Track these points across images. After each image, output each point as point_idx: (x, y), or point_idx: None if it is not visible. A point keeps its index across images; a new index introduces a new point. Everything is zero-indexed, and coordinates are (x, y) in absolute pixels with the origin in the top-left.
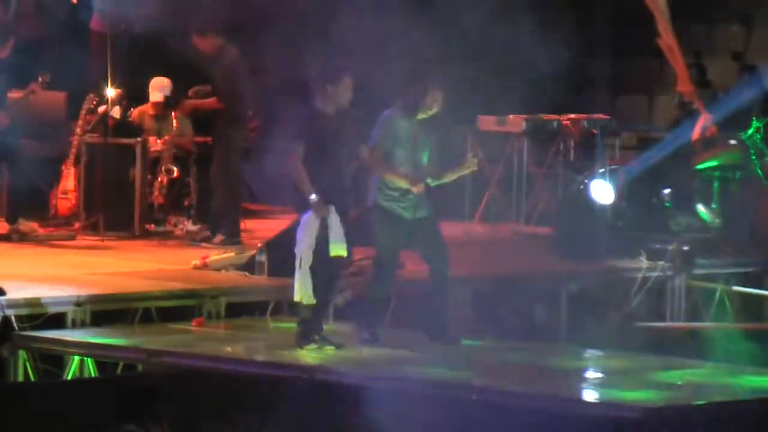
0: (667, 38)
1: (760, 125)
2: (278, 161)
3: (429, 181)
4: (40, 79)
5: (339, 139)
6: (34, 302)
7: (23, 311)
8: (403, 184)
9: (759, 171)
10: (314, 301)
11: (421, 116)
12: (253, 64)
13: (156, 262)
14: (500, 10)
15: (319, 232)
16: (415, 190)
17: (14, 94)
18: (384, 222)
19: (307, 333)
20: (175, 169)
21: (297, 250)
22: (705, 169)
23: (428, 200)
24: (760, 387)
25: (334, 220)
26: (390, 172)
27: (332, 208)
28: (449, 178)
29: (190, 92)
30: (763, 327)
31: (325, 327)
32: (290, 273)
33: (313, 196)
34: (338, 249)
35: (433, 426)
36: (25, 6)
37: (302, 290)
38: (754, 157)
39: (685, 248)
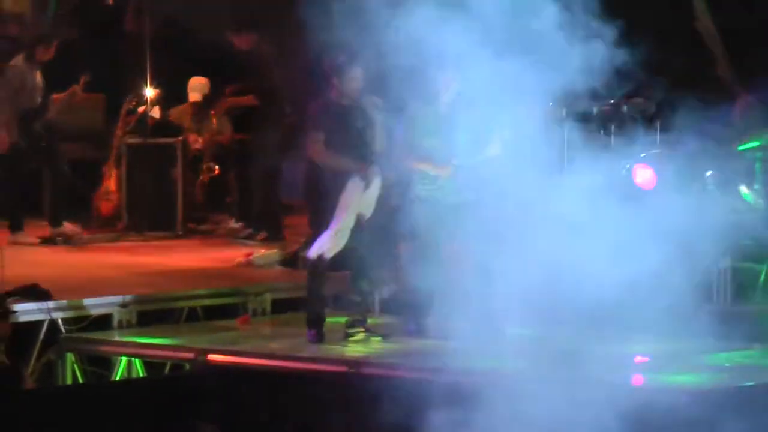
0: (705, 22)
1: None
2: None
3: (461, 161)
4: (81, 80)
5: (354, 131)
6: (79, 305)
7: (69, 314)
8: (434, 171)
9: None
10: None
11: (444, 100)
12: (287, 59)
13: (200, 260)
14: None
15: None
16: (444, 173)
17: (56, 96)
18: (425, 210)
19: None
20: (216, 167)
21: (339, 214)
22: (746, 150)
23: (467, 185)
24: None
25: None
26: (418, 163)
27: (376, 169)
28: (481, 158)
29: (228, 90)
30: None
31: (369, 319)
32: (334, 268)
33: (353, 168)
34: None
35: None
36: (63, 8)
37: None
38: None
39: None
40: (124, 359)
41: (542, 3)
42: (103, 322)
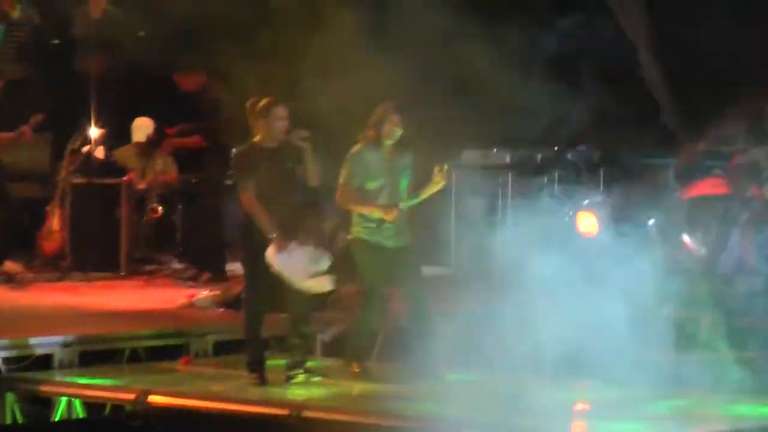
0: (651, 71)
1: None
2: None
3: (402, 204)
4: (32, 120)
5: (284, 173)
6: (20, 344)
7: (10, 353)
8: (377, 214)
9: (744, 199)
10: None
11: (387, 143)
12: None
13: (143, 301)
14: (482, 42)
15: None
16: (389, 218)
17: (2, 136)
18: (367, 253)
19: (255, 365)
20: (160, 207)
21: (289, 278)
22: (691, 199)
23: (407, 229)
24: (749, 415)
25: (301, 252)
26: (362, 205)
27: (294, 244)
28: (421, 197)
29: (174, 130)
30: (752, 356)
31: (310, 361)
32: (275, 310)
33: (272, 234)
34: (317, 286)
35: None
36: (8, 46)
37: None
38: (740, 186)
39: (672, 278)
40: (64, 399)
41: (483, 47)
42: (45, 361)
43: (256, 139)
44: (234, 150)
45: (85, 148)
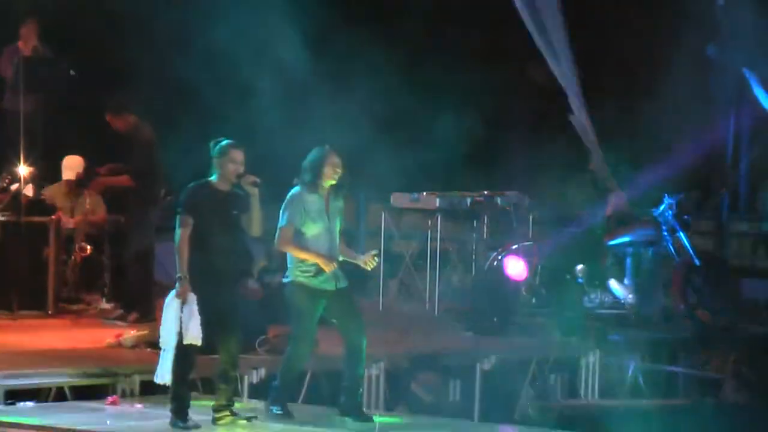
0: (580, 117)
1: (672, 202)
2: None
3: (339, 256)
4: None
5: (228, 217)
6: None
7: None
8: (316, 262)
9: (671, 247)
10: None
11: (327, 184)
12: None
13: (70, 340)
14: (412, 85)
15: (182, 315)
16: (327, 269)
17: None
18: (302, 297)
19: (179, 414)
20: (88, 247)
21: (161, 332)
22: (618, 246)
23: (344, 271)
24: None
25: (193, 309)
26: (302, 253)
27: (193, 298)
28: (347, 259)
29: (103, 170)
30: (676, 403)
31: (237, 403)
32: (203, 351)
33: (182, 277)
34: (192, 338)
35: None
36: None
37: (162, 372)
38: (666, 234)
39: (599, 325)
40: None
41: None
42: None
43: (212, 178)
44: (187, 188)
45: (14, 186)
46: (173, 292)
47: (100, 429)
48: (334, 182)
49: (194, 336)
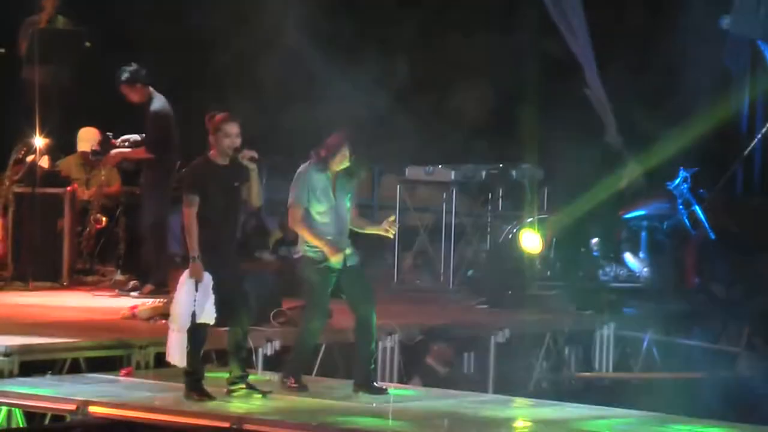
0: (596, 91)
1: (687, 175)
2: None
3: (348, 250)
4: None
5: (230, 190)
6: None
7: None
8: (321, 248)
9: (686, 221)
10: (185, 365)
11: (333, 169)
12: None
13: (85, 312)
14: (429, 60)
15: (197, 294)
16: (333, 260)
17: None
18: (313, 270)
19: (193, 386)
20: (103, 218)
21: (173, 311)
22: (632, 219)
23: (354, 249)
24: None
25: (208, 289)
26: (311, 237)
27: (208, 277)
28: (366, 231)
29: (118, 141)
30: (690, 376)
31: (252, 375)
32: (216, 324)
33: (195, 256)
34: (206, 318)
35: None
36: None
37: (174, 352)
38: (681, 207)
39: (613, 297)
40: (4, 409)
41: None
42: None
43: (211, 153)
44: (185, 165)
45: (30, 158)
46: (187, 272)
47: (114, 400)
48: (339, 168)
49: (208, 315)
